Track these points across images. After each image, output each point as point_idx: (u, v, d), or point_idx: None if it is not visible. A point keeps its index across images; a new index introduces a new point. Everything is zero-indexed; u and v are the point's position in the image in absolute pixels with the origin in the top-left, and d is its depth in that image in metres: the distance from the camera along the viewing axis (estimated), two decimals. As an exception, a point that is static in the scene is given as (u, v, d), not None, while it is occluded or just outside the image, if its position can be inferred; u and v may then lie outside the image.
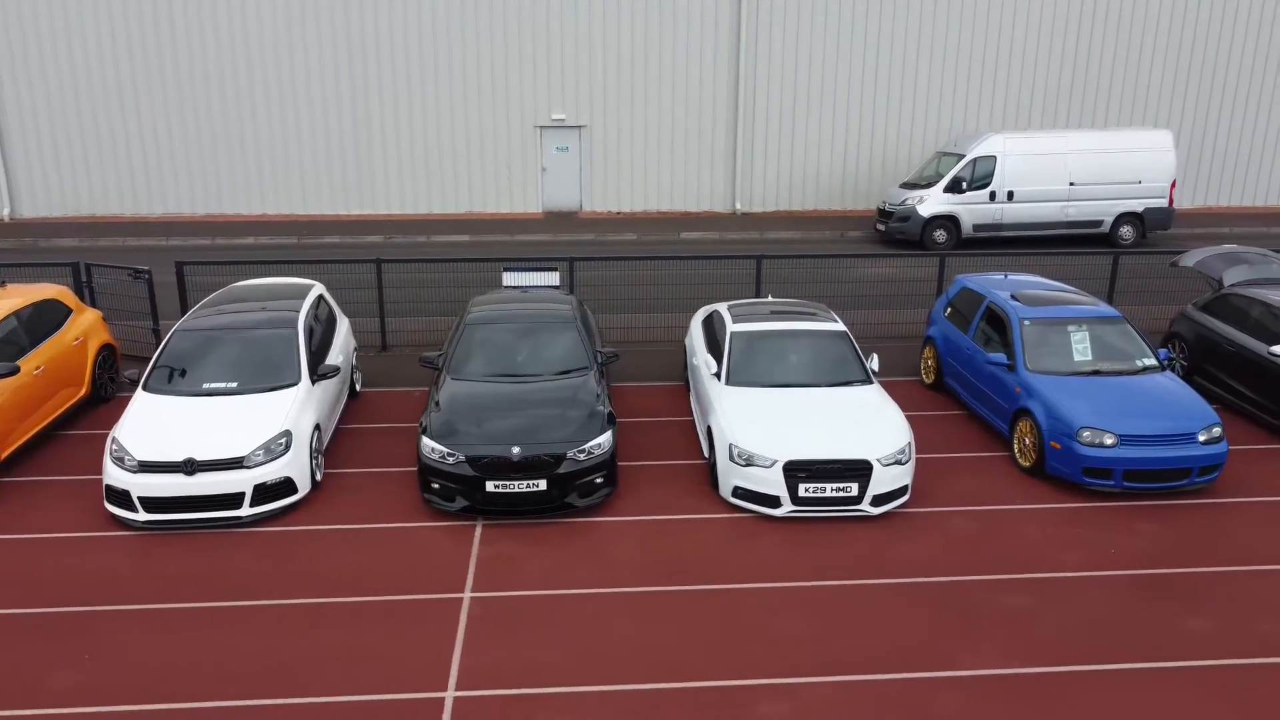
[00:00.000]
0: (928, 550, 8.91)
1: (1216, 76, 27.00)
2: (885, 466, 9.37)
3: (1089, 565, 8.68)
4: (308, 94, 25.77)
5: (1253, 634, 7.67)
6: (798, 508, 9.39)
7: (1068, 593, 8.24)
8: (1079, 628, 7.74)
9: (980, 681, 7.07)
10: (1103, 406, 10.05)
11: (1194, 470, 9.83)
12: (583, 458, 9.33)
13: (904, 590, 8.26)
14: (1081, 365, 10.84)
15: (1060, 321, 11.23)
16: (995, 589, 8.29)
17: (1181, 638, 7.62)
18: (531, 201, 27.02)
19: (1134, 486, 9.83)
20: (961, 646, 7.48)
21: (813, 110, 26.68)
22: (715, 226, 25.10)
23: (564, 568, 8.59)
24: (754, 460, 9.40)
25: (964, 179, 22.17)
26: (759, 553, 8.84)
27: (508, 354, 10.66)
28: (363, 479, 10.35)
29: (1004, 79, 26.68)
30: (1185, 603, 8.10)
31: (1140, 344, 11.13)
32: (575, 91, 26.26)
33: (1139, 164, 22.42)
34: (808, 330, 11.08)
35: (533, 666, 7.21)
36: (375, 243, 23.54)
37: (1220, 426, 9.93)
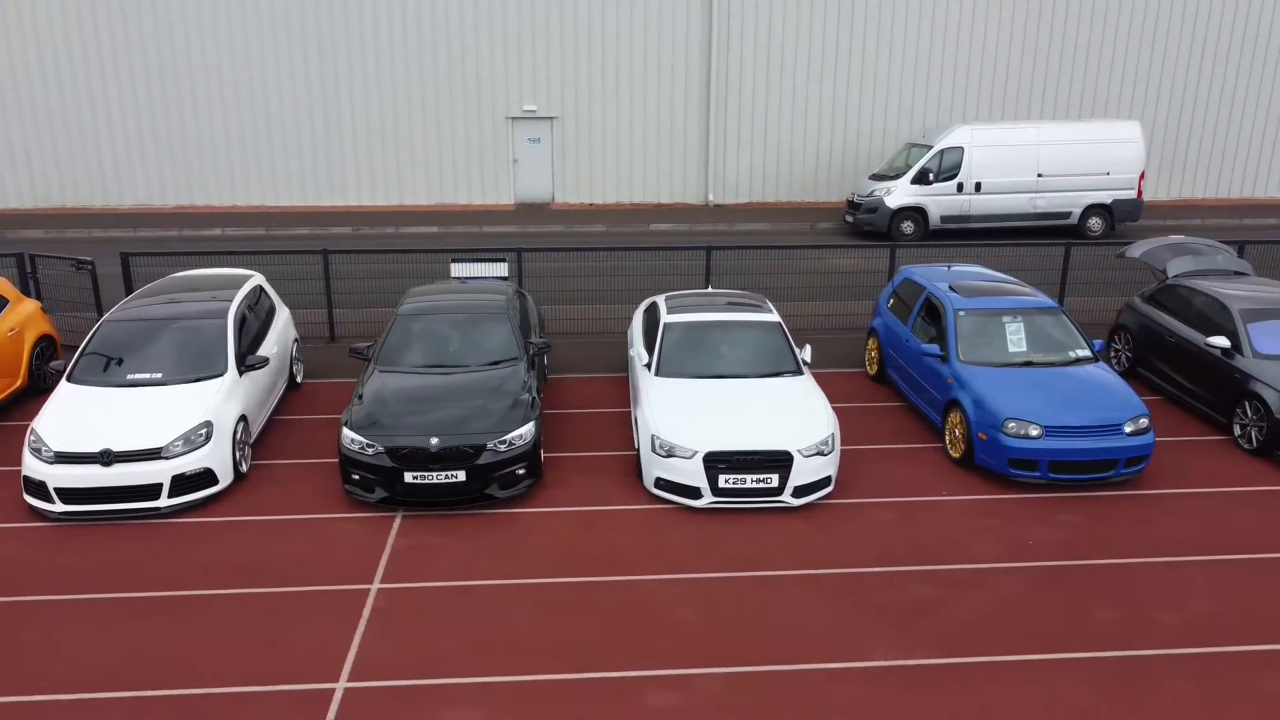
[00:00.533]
0: (845, 542, 8.89)
1: (1191, 68, 26.89)
2: (807, 458, 9.34)
3: (1005, 557, 8.66)
4: (278, 85, 25.68)
5: (1154, 625, 7.66)
6: (718, 499, 9.36)
7: (978, 584, 8.22)
8: (984, 619, 7.73)
9: (877, 673, 7.06)
10: (1030, 398, 10.02)
11: (1120, 462, 9.80)
12: (503, 449, 9.30)
13: (815, 581, 8.24)
14: (1015, 356, 10.80)
15: (995, 312, 11.19)
16: (906, 580, 8.27)
17: (1084, 629, 7.60)
18: (503, 193, 26.95)
19: (1060, 478, 9.81)
20: (864, 638, 7.47)
21: (785, 102, 26.59)
22: (686, 218, 25.04)
23: (478, 559, 8.57)
24: (675, 451, 9.37)
25: (931, 170, 22.11)
26: (675, 544, 8.82)
27: (437, 345, 10.62)
28: (291, 470, 10.32)
29: (979, 70, 26.59)
30: (1093, 594, 8.08)
31: (1075, 335, 11.10)
32: (547, 83, 26.17)
33: (1107, 155, 22.36)
34: (740, 321, 11.05)
35: (429, 657, 7.19)
36: (343, 234, 23.48)
37: (1148, 418, 9.90)
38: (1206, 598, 8.02)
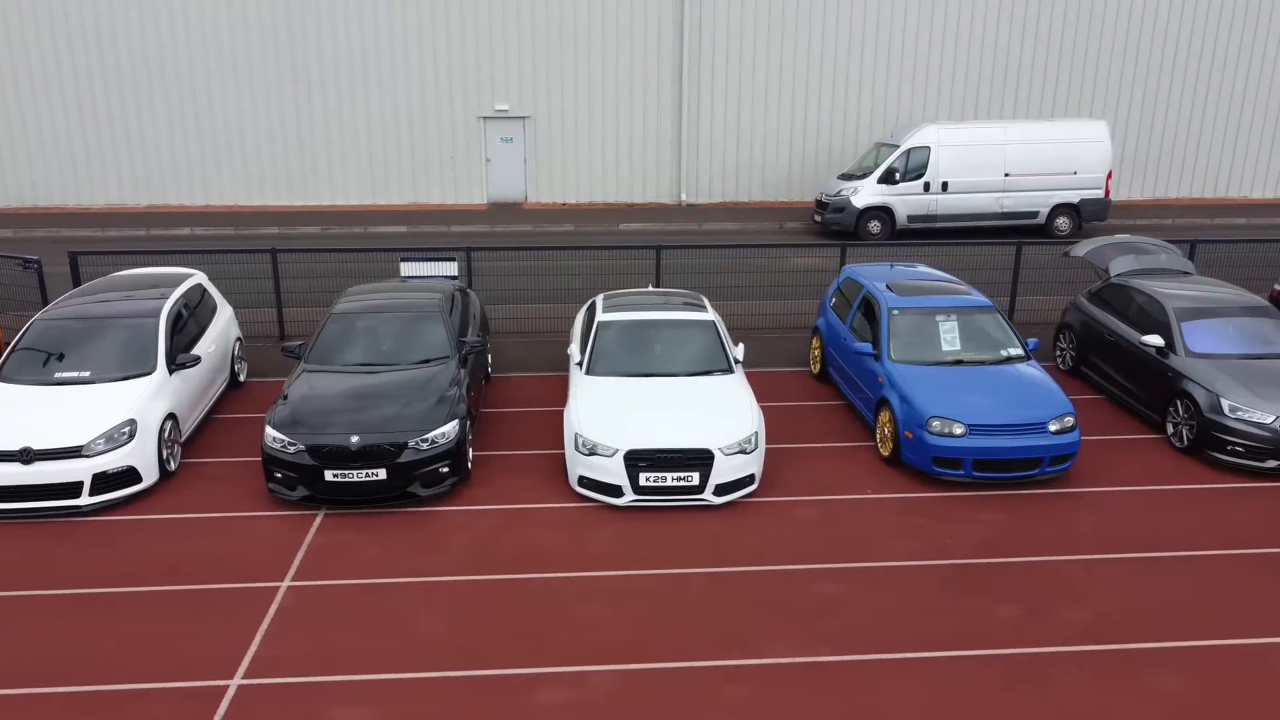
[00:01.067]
0: (762, 540, 8.90)
1: (1164, 68, 26.91)
2: (728, 456, 9.36)
3: (919, 555, 8.68)
4: (250, 85, 25.69)
5: (1056, 623, 7.67)
6: (639, 497, 9.38)
7: (890, 582, 8.24)
8: (887, 616, 7.74)
9: (772, 669, 7.07)
10: (956, 396, 10.04)
11: (1045, 460, 9.82)
12: (425, 447, 9.32)
13: (726, 579, 8.26)
14: (947, 355, 10.82)
15: (929, 311, 11.21)
16: (818, 578, 8.29)
17: (985, 626, 7.62)
18: (476, 193, 26.97)
19: (984, 476, 9.83)
20: (765, 635, 7.48)
21: (757, 102, 26.61)
22: (657, 218, 25.06)
23: (392, 557, 8.59)
24: (597, 450, 9.39)
25: (897, 170, 22.13)
26: (592, 542, 8.84)
27: (367, 344, 10.64)
28: (221, 468, 10.34)
29: (951, 70, 26.61)
30: (1001, 592, 8.10)
31: (1009, 334, 11.11)
32: (519, 83, 26.19)
33: (1074, 155, 22.38)
34: (674, 320, 11.06)
35: (328, 655, 7.21)
36: (312, 233, 23.50)
37: (1073, 417, 9.91)
38: (1112, 595, 8.04)
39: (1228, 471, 10.34)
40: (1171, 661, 7.19)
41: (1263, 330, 11.29)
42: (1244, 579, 8.29)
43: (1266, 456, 10.10)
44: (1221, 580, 8.27)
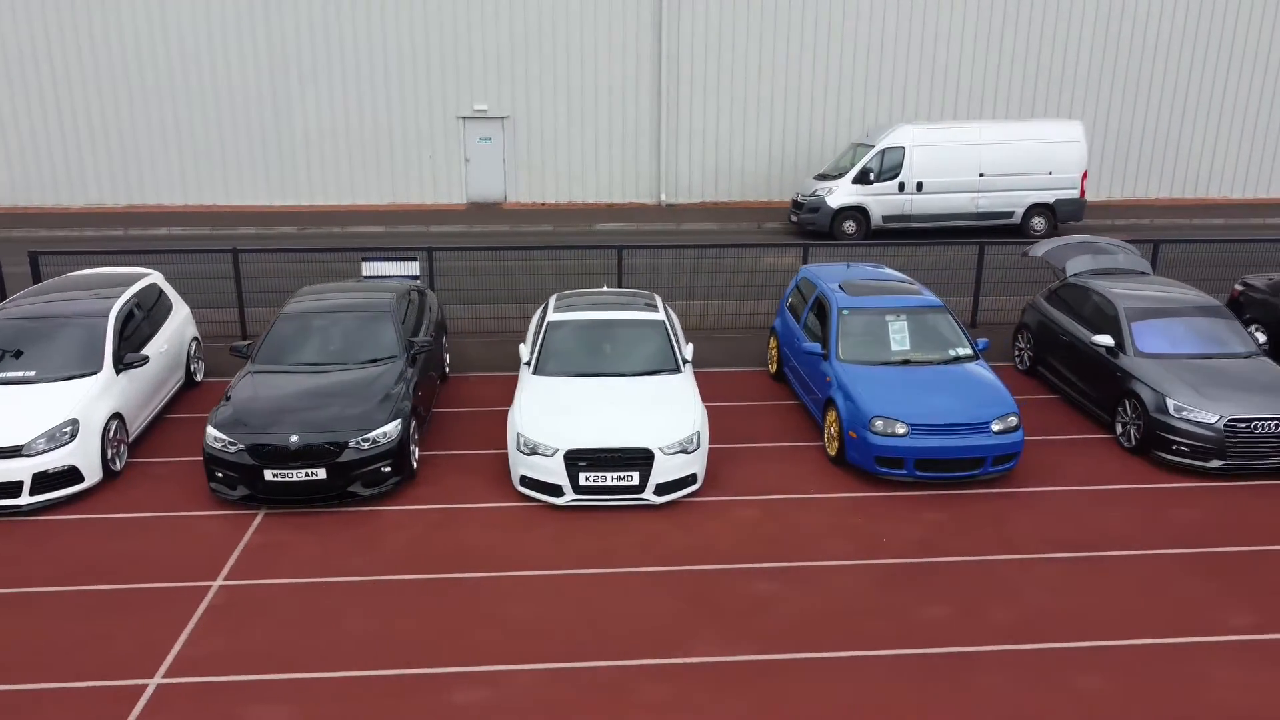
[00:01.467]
0: (700, 539, 8.91)
1: (1144, 69, 26.93)
2: (668, 456, 9.37)
3: (856, 554, 8.68)
4: (229, 84, 25.70)
5: (984, 622, 7.68)
6: (580, 497, 9.39)
7: (823, 581, 8.25)
8: (818, 616, 7.75)
9: (693, 669, 7.08)
10: (900, 396, 10.05)
11: (988, 459, 9.83)
12: (366, 446, 9.32)
13: (659, 579, 8.26)
14: (895, 355, 10.82)
15: (878, 311, 11.22)
16: (751, 577, 8.29)
17: (913, 625, 7.62)
18: (455, 193, 26.98)
19: (926, 476, 9.83)
20: (692, 634, 7.49)
21: (736, 102, 26.62)
22: (635, 218, 25.07)
23: (328, 556, 8.59)
24: (537, 449, 9.40)
25: (872, 170, 22.14)
26: (529, 542, 8.85)
27: (315, 344, 10.65)
28: (168, 468, 10.35)
29: (931, 70, 26.62)
30: (933, 591, 8.10)
31: (958, 333, 11.12)
32: (498, 83, 26.20)
33: (1049, 155, 22.40)
34: (623, 320, 11.07)
35: (252, 654, 7.22)
36: (288, 233, 23.50)
37: (1017, 416, 9.92)
38: (1044, 595, 8.05)
39: (1173, 471, 10.35)
40: (1094, 661, 7.19)
41: (1214, 330, 11.30)
42: (1177, 579, 8.30)
43: (1211, 456, 10.11)
44: (1154, 580, 8.28)
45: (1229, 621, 7.69)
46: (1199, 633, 7.53)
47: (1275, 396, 10.20)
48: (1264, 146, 27.83)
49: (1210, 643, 7.41)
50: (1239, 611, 7.82)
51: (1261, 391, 10.27)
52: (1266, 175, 28.13)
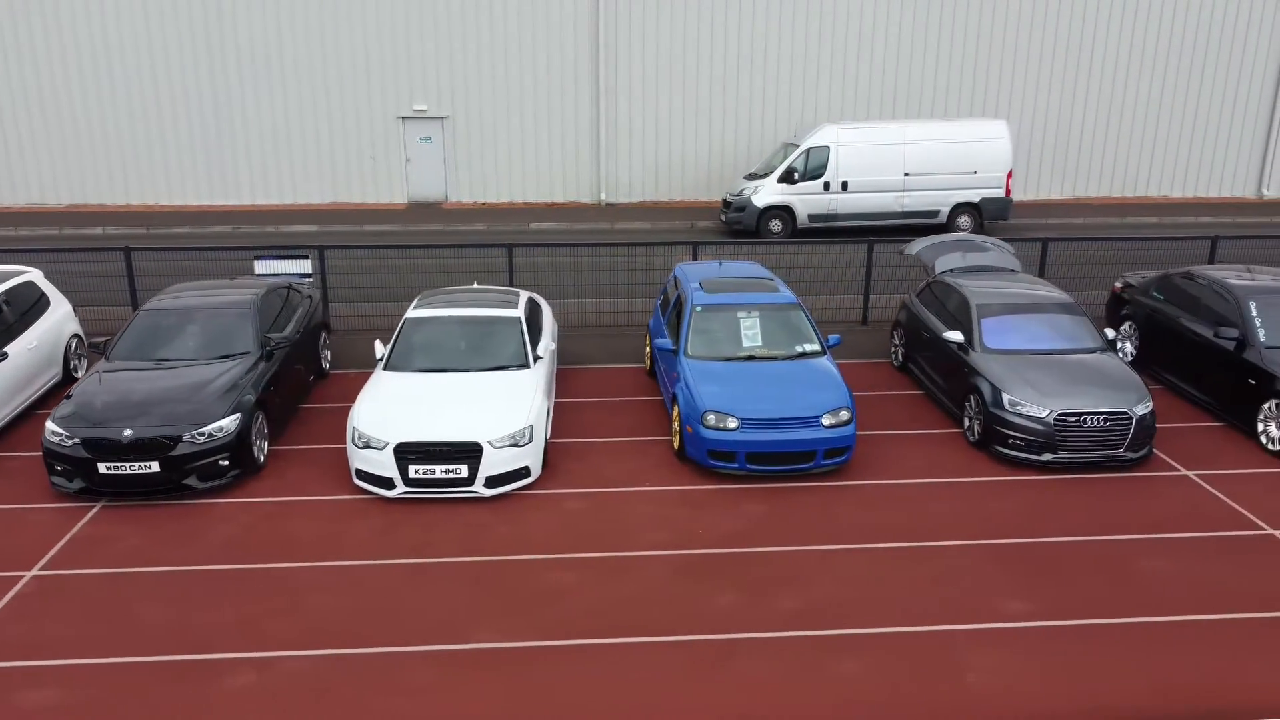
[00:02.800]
0: (520, 530, 9.10)
1: (1080, 68, 27.12)
2: (498, 449, 9.56)
3: (668, 545, 8.87)
4: (168, 83, 25.89)
5: (767, 610, 7.87)
6: (410, 489, 9.58)
7: (627, 571, 8.44)
8: (613, 604, 7.94)
9: (471, 654, 7.27)
10: (736, 391, 10.24)
11: (819, 453, 10.02)
12: (202, 440, 9.51)
13: (467, 569, 8.45)
14: (743, 351, 11.01)
15: (730, 308, 11.41)
16: (558, 567, 8.48)
17: (699, 613, 7.82)
18: (396, 192, 27.17)
19: (758, 469, 10.02)
20: (480, 622, 7.68)
21: (675, 101, 26.81)
22: (572, 217, 25.26)
23: (150, 548, 8.79)
24: (370, 443, 9.59)
25: (797, 170, 22.33)
26: (355, 534, 9.04)
27: (170, 340, 10.84)
28: (20, 462, 10.54)
29: (869, 70, 26.80)
30: (729, 580, 8.29)
31: (809, 330, 11.31)
32: (436, 82, 26.39)
33: (974, 154, 22.59)
34: (478, 317, 11.27)
35: (44, 641, 7.41)
36: (223, 232, 23.70)
37: (849, 410, 10.11)
38: (837, 584, 8.24)
39: (1009, 465, 10.54)
40: (859, 647, 7.38)
41: (1063, 326, 11.49)
42: (972, 569, 8.48)
43: (1043, 450, 10.30)
44: (950, 570, 8.47)
45: (1005, 609, 7.88)
46: (973, 620, 7.73)
47: (1107, 391, 10.39)
48: (1202, 146, 28.03)
49: (978, 629, 7.60)
50: (1017, 599, 8.01)
51: (1095, 386, 10.46)
52: (1205, 175, 28.33)
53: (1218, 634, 7.56)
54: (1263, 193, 28.38)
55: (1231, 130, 28.00)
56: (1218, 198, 28.52)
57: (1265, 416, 10.93)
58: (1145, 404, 10.38)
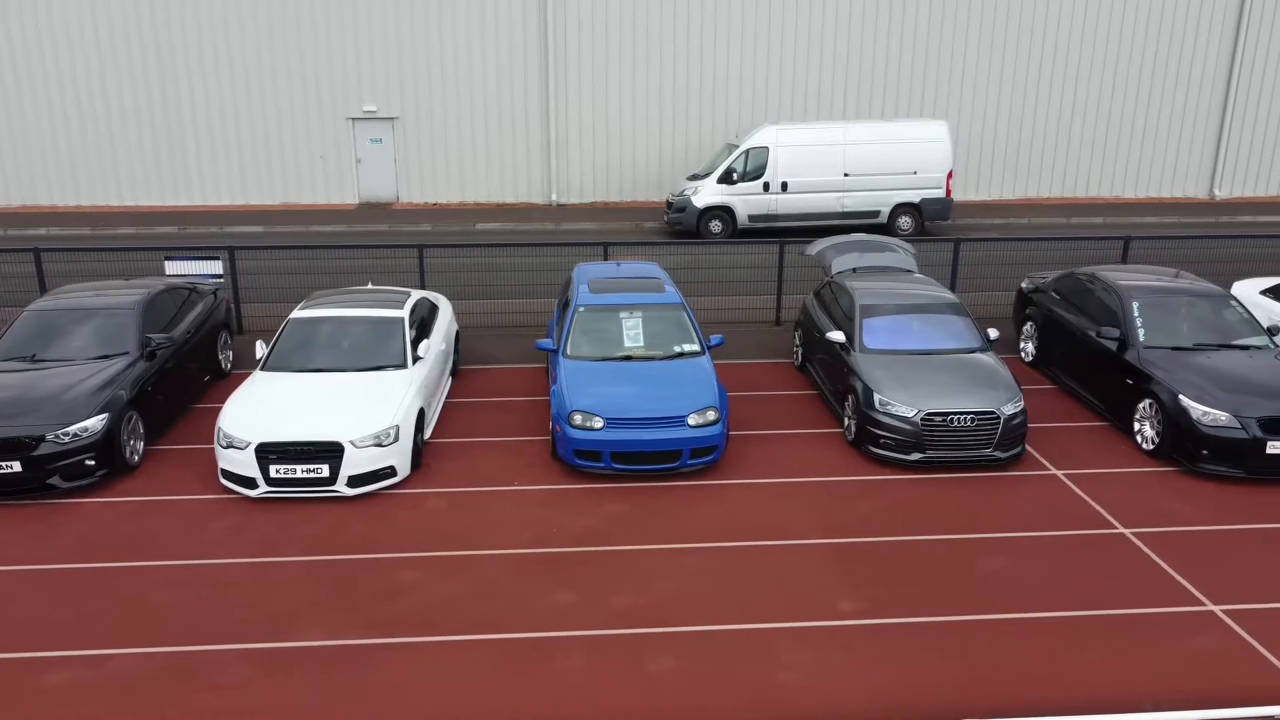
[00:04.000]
0: (376, 530, 9.16)
1: (1031, 70, 27.18)
2: (360, 448, 9.62)
3: (518, 544, 8.93)
4: (117, 84, 25.94)
5: (601, 608, 7.94)
6: (272, 489, 9.64)
7: (469, 570, 8.49)
8: (447, 602, 8.00)
9: (291, 652, 7.33)
10: (604, 391, 10.30)
11: (685, 452, 10.08)
12: (66, 440, 9.57)
13: (312, 567, 8.51)
14: (621, 351, 11.07)
15: (613, 308, 11.47)
16: (401, 566, 8.55)
17: (532, 611, 7.88)
18: (347, 193, 27.23)
19: (623, 468, 10.09)
20: (310, 620, 7.74)
21: (625, 102, 26.87)
22: (521, 218, 25.32)
23: (5, 547, 8.84)
24: (233, 443, 9.65)
25: (736, 170, 22.40)
26: (210, 533, 9.10)
27: (51, 340, 10.90)
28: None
29: (819, 69, 26.85)
30: (568, 579, 8.36)
31: (689, 331, 11.37)
32: (386, 83, 26.44)
33: (914, 155, 22.65)
34: (358, 317, 11.33)
35: None
36: (169, 233, 23.76)
37: (716, 410, 10.18)
38: (676, 582, 8.30)
39: (881, 465, 10.60)
40: (678, 645, 7.45)
41: (945, 327, 11.56)
42: (814, 567, 8.54)
43: (910, 449, 10.37)
44: (793, 568, 8.53)
45: (836, 608, 7.95)
46: (801, 619, 7.79)
47: (976, 392, 10.46)
48: (1154, 147, 28.09)
49: (802, 627, 7.66)
50: (850, 598, 8.07)
51: (965, 387, 10.53)
52: (1158, 175, 28.39)
53: (1037, 631, 7.63)
54: (1215, 193, 28.45)
55: (1183, 131, 28.07)
56: (1170, 198, 28.58)
57: (1140, 416, 11.00)
58: (1014, 404, 10.44)
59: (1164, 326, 11.51)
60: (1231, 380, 10.51)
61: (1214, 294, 11.92)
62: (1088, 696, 6.89)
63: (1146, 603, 8.03)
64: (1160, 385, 10.67)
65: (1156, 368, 10.89)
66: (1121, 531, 9.18)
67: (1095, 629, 7.65)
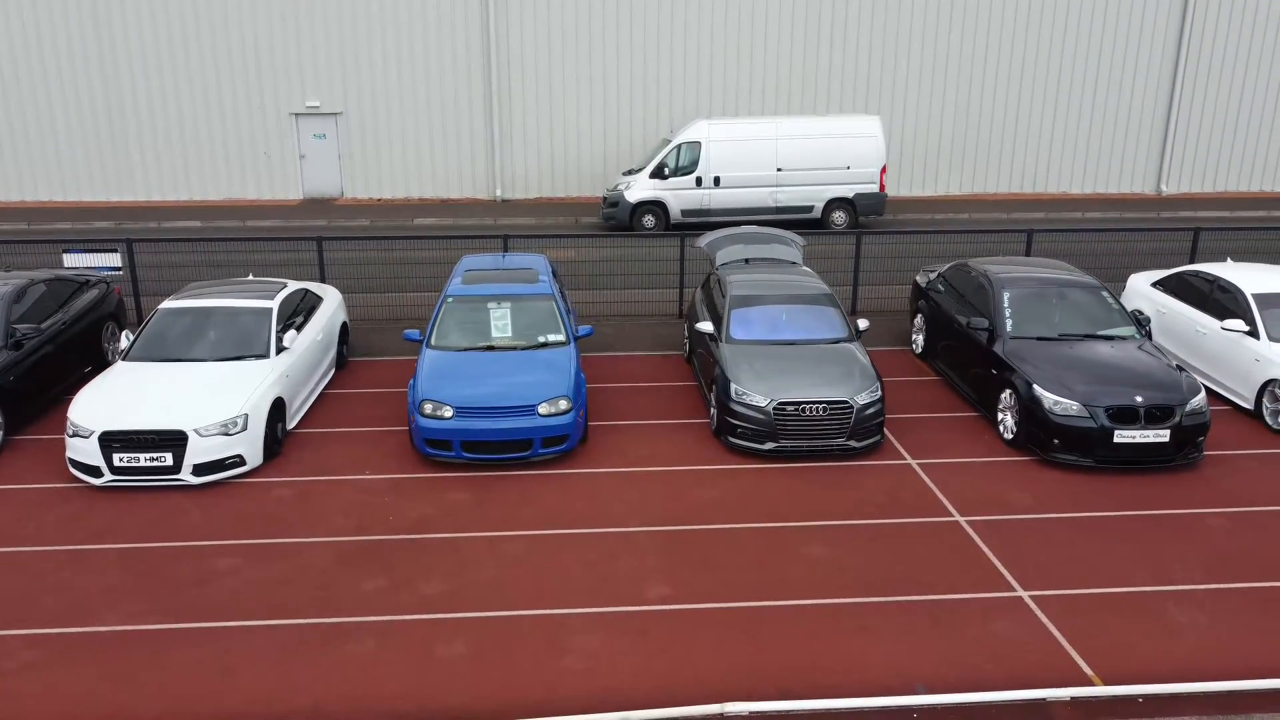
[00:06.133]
0: (212, 518, 9.19)
1: (975, 67, 27.20)
2: (205, 437, 9.64)
3: (348, 531, 8.95)
4: (58, 76, 25.93)
5: (408, 594, 7.97)
6: (117, 477, 9.67)
7: (290, 557, 8.52)
8: (259, 587, 8.04)
9: (87, 637, 7.36)
10: (458, 380, 10.33)
11: (536, 441, 10.11)
12: (-89, 429, 9.60)
13: (136, 554, 8.55)
14: (486, 341, 11.09)
15: (481, 299, 11.50)
16: (223, 553, 8.57)
17: (340, 596, 7.91)
18: (291, 188, 27.24)
19: (474, 457, 10.11)
20: (114, 606, 7.77)
21: (569, 98, 26.87)
22: (464, 213, 25.33)
23: None
24: (79, 431, 9.68)
25: (668, 165, 22.40)
26: (40, 522, 9.14)
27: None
28: None
29: (763, 65, 26.84)
30: (383, 566, 8.38)
31: (556, 321, 11.39)
32: (329, 78, 26.45)
33: (847, 150, 22.64)
34: (225, 308, 11.35)
35: None
36: (104, 228, 23.77)
37: (569, 399, 10.20)
38: (490, 568, 8.33)
39: (739, 454, 10.61)
40: (476, 630, 7.48)
41: (814, 318, 11.58)
42: (633, 554, 8.57)
43: (765, 439, 10.39)
44: (611, 554, 8.56)
45: (644, 594, 7.97)
46: (604, 604, 7.81)
47: (831, 382, 10.47)
48: (1100, 143, 28.09)
49: (601, 613, 7.69)
50: (662, 585, 8.10)
51: (821, 377, 10.54)
52: (1105, 171, 28.39)
53: (833, 616, 7.66)
54: (1161, 189, 28.46)
55: (1129, 127, 28.08)
56: (1118, 194, 28.59)
57: (1003, 407, 11.02)
58: (870, 394, 10.47)
59: (1033, 317, 11.54)
60: (1088, 370, 10.54)
61: (1086, 285, 11.95)
62: (861, 680, 6.92)
63: (959, 589, 8.06)
64: (1018, 375, 10.70)
65: (1017, 358, 10.91)
66: (956, 520, 9.20)
67: (894, 614, 7.68)
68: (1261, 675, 6.94)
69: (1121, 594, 7.95)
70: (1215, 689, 6.77)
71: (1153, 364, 10.68)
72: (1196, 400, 10.20)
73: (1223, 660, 7.12)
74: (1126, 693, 6.75)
